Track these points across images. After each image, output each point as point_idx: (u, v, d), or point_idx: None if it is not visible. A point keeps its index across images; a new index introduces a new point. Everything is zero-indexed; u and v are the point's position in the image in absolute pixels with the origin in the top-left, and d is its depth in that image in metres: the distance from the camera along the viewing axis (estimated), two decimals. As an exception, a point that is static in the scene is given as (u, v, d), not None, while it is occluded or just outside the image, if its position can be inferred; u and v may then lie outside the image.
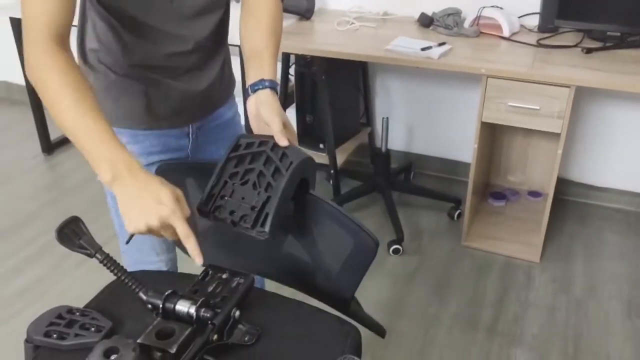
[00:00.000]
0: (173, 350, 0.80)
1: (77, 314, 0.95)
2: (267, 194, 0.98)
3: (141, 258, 1.39)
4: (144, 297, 0.88)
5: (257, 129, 1.13)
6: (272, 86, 1.12)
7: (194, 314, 0.84)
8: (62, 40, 1.02)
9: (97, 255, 0.90)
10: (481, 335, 2.14)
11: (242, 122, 1.51)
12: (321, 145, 2.84)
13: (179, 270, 1.44)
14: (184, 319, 0.85)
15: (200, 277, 0.97)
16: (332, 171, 2.76)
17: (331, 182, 2.83)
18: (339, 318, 0.97)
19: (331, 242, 1.05)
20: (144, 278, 0.96)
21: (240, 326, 0.92)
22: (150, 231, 0.90)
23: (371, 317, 1.07)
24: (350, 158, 3.00)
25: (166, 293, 0.87)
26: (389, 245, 2.53)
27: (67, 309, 0.96)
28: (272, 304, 0.99)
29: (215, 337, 0.87)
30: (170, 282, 0.96)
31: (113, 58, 1.22)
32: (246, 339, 0.90)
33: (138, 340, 0.81)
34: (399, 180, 3.06)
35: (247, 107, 1.14)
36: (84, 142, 0.95)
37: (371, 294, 2.28)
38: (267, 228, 0.95)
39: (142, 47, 1.20)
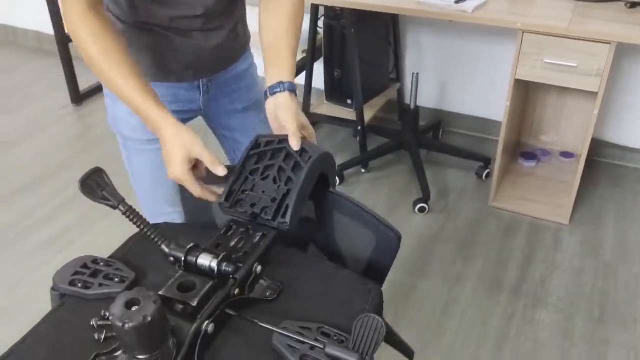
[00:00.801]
0: (194, 303, 0.80)
1: (102, 264, 0.96)
2: (287, 187, 0.98)
3: (156, 209, 1.39)
4: (167, 250, 0.88)
5: (277, 130, 1.12)
6: (291, 89, 1.11)
7: (216, 268, 0.84)
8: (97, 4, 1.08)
9: (120, 207, 0.90)
10: (506, 295, 2.13)
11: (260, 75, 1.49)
12: (349, 101, 2.80)
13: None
14: (206, 272, 0.85)
15: (222, 232, 0.96)
16: (359, 127, 2.72)
17: (358, 139, 2.79)
18: (360, 276, 0.96)
19: (354, 239, 1.05)
20: (167, 230, 0.97)
21: (261, 281, 0.91)
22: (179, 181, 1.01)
23: (400, 337, 1.06)
24: (379, 114, 2.95)
25: (188, 246, 0.86)
26: (415, 203, 2.51)
27: (92, 259, 0.97)
28: (293, 261, 0.98)
29: (237, 291, 0.86)
30: (194, 235, 0.95)
31: (120, 9, 1.20)
32: (267, 294, 0.90)
33: (160, 293, 0.82)
34: (428, 138, 3.01)
35: (267, 110, 1.13)
36: (123, 99, 1.08)
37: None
38: (287, 219, 0.95)
39: (148, 8, 1.18)
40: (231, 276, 0.85)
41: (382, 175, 2.79)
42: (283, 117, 1.08)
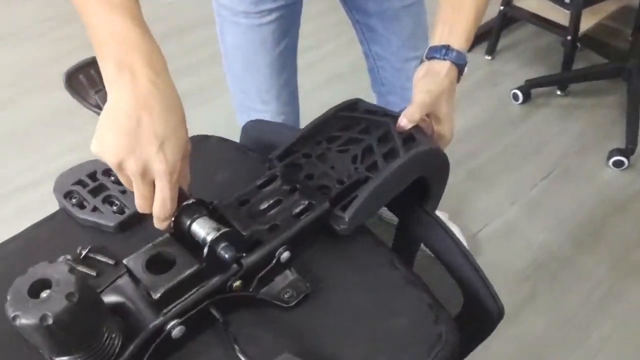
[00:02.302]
0: (156, 296, 0.54)
1: (112, 179, 0.74)
2: (368, 174, 0.67)
3: (246, 101, 1.15)
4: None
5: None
6: (458, 61, 0.76)
7: (206, 249, 0.56)
8: None
9: None
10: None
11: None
12: None
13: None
14: (200, 246, 0.58)
15: (260, 182, 0.67)
16: (569, 37, 2.12)
17: (564, 50, 2.20)
18: (433, 308, 0.61)
19: (436, 289, 0.69)
20: (251, 128, 0.79)
21: (287, 273, 0.62)
22: (116, 169, 0.56)
23: None
24: (604, 23, 2.28)
25: (189, 202, 0.59)
26: (612, 154, 1.94)
27: (104, 170, 0.75)
28: (347, 254, 0.66)
29: (238, 283, 0.59)
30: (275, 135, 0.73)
31: None
32: (286, 295, 0.61)
33: (125, 262, 0.57)
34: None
35: (414, 76, 0.78)
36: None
37: (567, 204, 1.80)
38: (347, 215, 0.62)
39: None
40: (234, 262, 0.57)
41: (581, 104, 2.20)
42: (420, 87, 0.74)
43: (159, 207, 0.56)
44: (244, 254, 0.59)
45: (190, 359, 0.57)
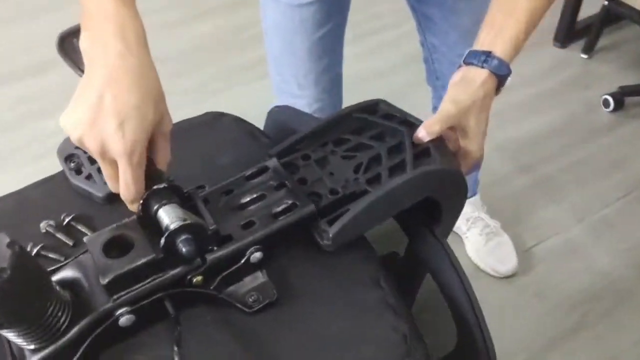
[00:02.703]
0: (103, 281, 0.51)
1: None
2: (368, 186, 0.61)
3: (282, 84, 1.10)
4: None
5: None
6: (498, 71, 0.67)
7: (163, 239, 0.52)
8: None
9: None
10: None
11: None
12: (683, 3, 1.93)
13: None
14: (162, 233, 0.54)
15: (248, 174, 0.62)
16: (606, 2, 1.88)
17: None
18: (408, 334, 0.55)
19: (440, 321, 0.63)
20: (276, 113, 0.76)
21: (258, 275, 0.58)
22: (78, 145, 0.52)
23: None
24: None
25: (160, 186, 0.55)
26: None
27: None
28: (328, 264, 0.60)
29: (199, 279, 0.55)
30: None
31: None
32: (251, 300, 0.56)
33: (85, 240, 0.55)
34: None
35: (449, 84, 0.70)
36: None
37: None
38: (332, 231, 0.56)
39: None
40: (194, 257, 0.54)
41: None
42: (449, 95, 0.67)
43: (122, 189, 0.53)
44: (215, 248, 0.55)
45: (137, 350, 0.54)
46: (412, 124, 0.66)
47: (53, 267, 0.56)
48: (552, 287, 1.51)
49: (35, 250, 0.63)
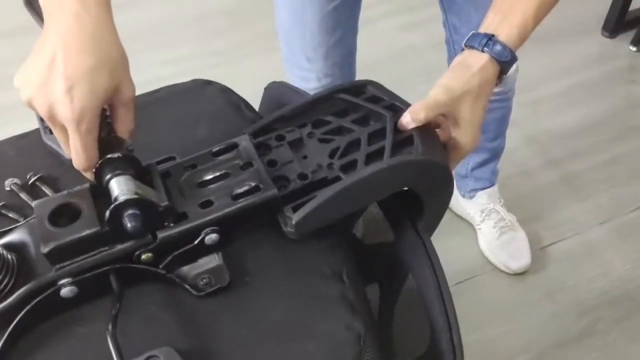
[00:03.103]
0: (44, 250, 0.49)
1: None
2: (342, 173, 0.57)
3: (290, 56, 1.06)
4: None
5: None
6: (500, 57, 0.61)
7: (108, 212, 0.49)
8: None
9: None
10: None
11: None
12: None
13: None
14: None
15: (215, 150, 0.59)
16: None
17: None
18: (362, 335, 0.52)
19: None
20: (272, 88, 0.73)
21: (214, 257, 0.55)
22: (28, 106, 0.50)
23: None
24: None
25: (114, 155, 0.53)
26: None
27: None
28: (287, 255, 0.57)
29: (148, 256, 0.53)
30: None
31: None
32: (202, 282, 0.54)
33: (34, 203, 0.53)
34: None
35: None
36: None
37: None
38: (296, 218, 0.53)
39: None
40: (140, 234, 0.51)
41: None
42: (441, 80, 0.62)
43: (72, 155, 0.51)
44: (171, 224, 0.53)
45: (79, 322, 0.52)
46: (399, 108, 0.62)
47: (1, 230, 0.55)
48: (564, 289, 1.44)
49: (-6, 209, 0.61)
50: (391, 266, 0.68)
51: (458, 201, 1.55)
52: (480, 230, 1.50)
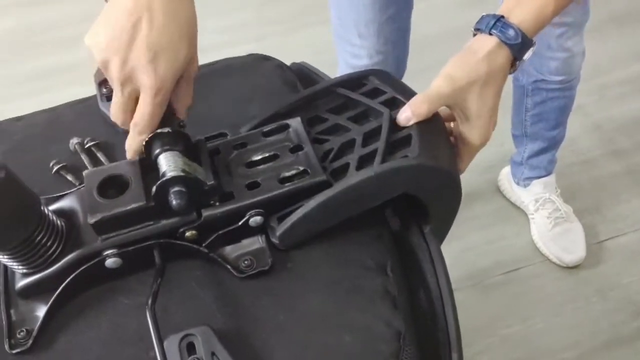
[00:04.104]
0: (90, 221, 0.50)
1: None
2: (331, 179, 0.53)
3: (341, 31, 1.02)
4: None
5: None
6: (510, 40, 0.55)
7: (155, 187, 0.49)
8: None
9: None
10: None
11: None
12: None
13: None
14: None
15: (266, 130, 0.58)
16: None
17: None
18: (402, 333, 0.50)
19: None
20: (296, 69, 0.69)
21: (254, 240, 0.55)
22: (102, 67, 0.51)
23: None
24: None
25: (164, 130, 0.52)
26: None
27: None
28: (331, 244, 0.56)
29: (192, 233, 0.52)
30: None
31: None
32: (244, 264, 0.53)
33: (85, 172, 0.53)
34: None
35: None
36: None
37: None
38: (279, 230, 0.52)
39: None
40: (185, 211, 0.51)
41: None
42: (445, 69, 0.56)
43: (136, 120, 0.51)
44: (217, 204, 0.53)
45: (123, 294, 0.53)
46: (401, 102, 0.58)
47: (54, 195, 0.56)
48: (617, 288, 1.39)
49: (55, 169, 0.63)
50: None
51: (512, 188, 1.50)
52: (533, 219, 1.45)
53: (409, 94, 0.58)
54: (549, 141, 1.35)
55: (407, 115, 0.55)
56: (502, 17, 0.55)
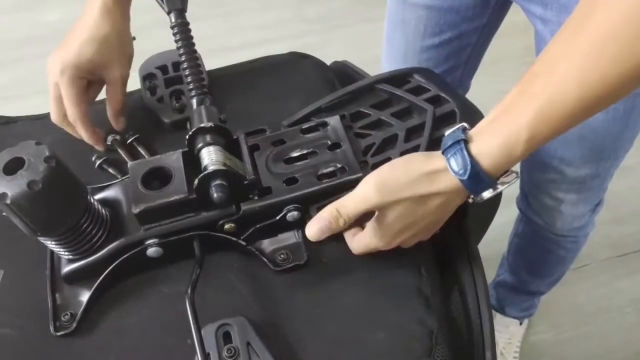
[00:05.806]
0: (134, 211, 0.51)
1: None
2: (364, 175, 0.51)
3: (390, 61, 0.97)
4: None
5: None
6: (457, 175, 0.45)
7: (197, 180, 0.51)
8: None
9: (171, 16, 0.59)
10: None
11: None
12: None
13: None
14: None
15: (305, 127, 0.59)
16: None
17: None
18: (435, 332, 0.51)
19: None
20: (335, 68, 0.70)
21: (291, 234, 0.56)
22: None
23: None
24: None
25: (207, 125, 0.54)
26: None
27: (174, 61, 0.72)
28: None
29: (231, 226, 0.54)
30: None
31: None
32: (280, 258, 0.55)
33: (130, 163, 0.55)
34: None
35: None
36: None
37: None
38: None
39: None
40: (225, 204, 0.52)
41: None
42: (379, 171, 0.48)
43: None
44: (255, 198, 0.54)
45: (163, 282, 0.55)
46: (445, 101, 0.58)
47: (99, 185, 0.58)
48: (653, 299, 1.36)
49: (97, 163, 0.65)
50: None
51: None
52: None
53: (452, 92, 0.59)
54: (547, 286, 1.16)
55: (320, 226, 0.49)
56: (464, 140, 0.45)
